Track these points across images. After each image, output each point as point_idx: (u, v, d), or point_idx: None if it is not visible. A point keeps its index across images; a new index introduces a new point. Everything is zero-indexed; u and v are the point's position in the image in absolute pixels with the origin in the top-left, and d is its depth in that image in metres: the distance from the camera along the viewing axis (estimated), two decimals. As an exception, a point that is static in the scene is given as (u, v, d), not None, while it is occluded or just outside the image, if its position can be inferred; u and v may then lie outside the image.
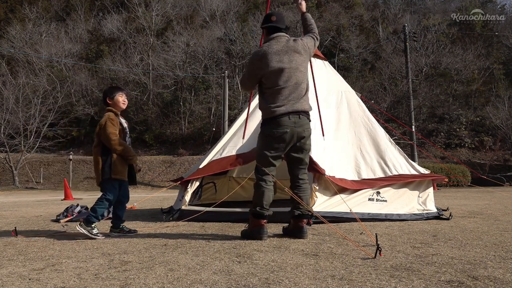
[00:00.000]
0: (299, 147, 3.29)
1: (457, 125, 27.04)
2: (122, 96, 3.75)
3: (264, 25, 3.45)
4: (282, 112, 3.18)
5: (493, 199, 8.10)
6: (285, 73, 3.24)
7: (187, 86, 31.88)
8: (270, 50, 3.27)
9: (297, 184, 3.35)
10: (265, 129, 3.26)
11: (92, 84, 32.25)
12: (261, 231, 3.20)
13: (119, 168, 3.60)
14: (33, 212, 6.55)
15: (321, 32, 32.42)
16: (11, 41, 34.00)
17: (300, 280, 1.98)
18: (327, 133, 4.67)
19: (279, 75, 3.23)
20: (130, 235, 3.75)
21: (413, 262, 2.33)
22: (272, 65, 3.23)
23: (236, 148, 4.90)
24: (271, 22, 3.41)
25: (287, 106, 3.21)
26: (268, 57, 3.24)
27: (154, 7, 34.80)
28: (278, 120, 3.19)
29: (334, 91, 5.17)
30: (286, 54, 3.28)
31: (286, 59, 3.27)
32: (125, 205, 3.86)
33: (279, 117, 3.18)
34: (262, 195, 3.20)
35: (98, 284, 1.98)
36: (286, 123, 3.19)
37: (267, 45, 3.31)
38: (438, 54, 29.42)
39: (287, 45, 3.31)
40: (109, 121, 3.60)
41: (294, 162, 3.34)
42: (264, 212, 3.21)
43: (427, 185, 4.79)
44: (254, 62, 3.31)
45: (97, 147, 3.65)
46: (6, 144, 24.18)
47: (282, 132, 3.18)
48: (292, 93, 3.25)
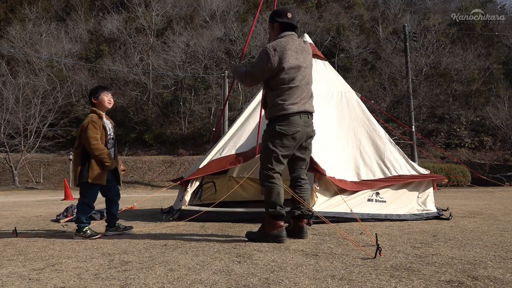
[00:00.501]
0: (304, 147, 3.27)
1: (457, 125, 27.04)
2: (107, 96, 3.67)
3: (279, 19, 3.30)
4: (295, 111, 3.14)
5: (493, 199, 8.10)
6: (301, 71, 3.21)
7: (187, 86, 31.89)
8: (289, 46, 3.18)
9: (299, 184, 3.32)
10: (276, 126, 3.13)
11: (92, 84, 32.16)
12: (282, 234, 3.08)
13: (97, 172, 3.50)
14: (33, 212, 6.55)
15: (321, 32, 32.49)
16: (11, 41, 34.00)
17: (300, 280, 1.98)
18: (327, 134, 4.67)
19: (297, 73, 3.18)
20: (127, 233, 3.76)
21: (413, 262, 2.33)
22: (292, 61, 3.16)
23: (236, 148, 4.90)
24: (287, 18, 3.28)
25: (299, 105, 3.17)
26: (288, 53, 3.15)
27: (154, 7, 34.80)
28: (290, 118, 3.13)
29: (334, 92, 5.17)
30: (302, 53, 3.25)
31: (301, 58, 3.24)
32: (117, 203, 3.82)
33: (291, 115, 3.13)
34: (278, 195, 3.11)
35: (98, 284, 1.98)
36: (298, 122, 3.14)
37: (285, 41, 3.20)
38: (438, 54, 29.43)
39: (301, 44, 3.29)
40: (91, 123, 3.52)
41: (297, 162, 3.30)
42: (284, 212, 3.12)
43: (426, 186, 4.79)
44: (272, 55, 3.13)
45: (78, 149, 3.58)
46: (6, 144, 24.19)
47: (295, 131, 3.13)
48: (304, 92, 3.22)
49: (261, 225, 3.24)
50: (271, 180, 3.13)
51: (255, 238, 3.17)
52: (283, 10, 3.36)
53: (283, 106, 3.14)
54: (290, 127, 3.12)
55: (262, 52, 3.21)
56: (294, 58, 3.17)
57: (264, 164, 3.20)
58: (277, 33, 3.31)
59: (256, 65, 3.22)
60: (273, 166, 3.15)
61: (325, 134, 4.63)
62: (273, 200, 3.11)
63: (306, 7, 37.04)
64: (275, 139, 3.14)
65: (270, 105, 3.23)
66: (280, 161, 3.16)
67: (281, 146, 3.14)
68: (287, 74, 3.15)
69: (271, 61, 3.13)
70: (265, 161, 3.19)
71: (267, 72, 3.17)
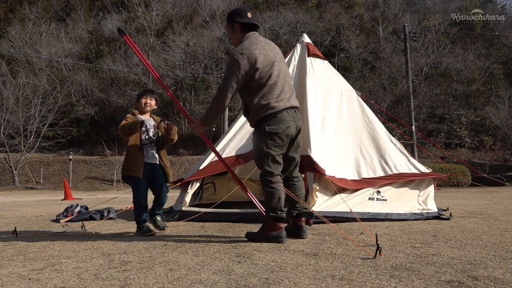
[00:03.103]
0: (295, 145, 3.22)
1: (457, 125, 27.05)
2: (145, 99, 3.78)
3: (240, 20, 3.17)
4: (282, 108, 3.07)
5: (493, 199, 8.09)
6: (275, 66, 3.13)
7: (187, 86, 31.90)
8: (254, 46, 3.07)
9: (292, 182, 3.29)
10: (265, 127, 3.05)
11: (92, 84, 32.25)
12: (282, 235, 3.08)
13: (127, 164, 3.62)
14: (33, 212, 6.55)
15: (321, 32, 32.50)
16: (11, 41, 34.01)
17: (300, 280, 1.98)
18: (328, 132, 4.67)
19: (271, 69, 3.10)
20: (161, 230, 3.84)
21: (413, 262, 2.33)
22: (262, 58, 3.05)
23: (236, 149, 4.90)
24: (248, 18, 3.18)
25: (284, 101, 3.10)
26: (256, 52, 3.04)
27: (154, 7, 34.80)
28: (278, 116, 3.06)
29: (334, 90, 5.17)
30: (269, 49, 3.16)
31: (271, 53, 3.14)
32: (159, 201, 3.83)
33: (279, 113, 3.06)
34: (278, 200, 3.08)
35: (98, 284, 1.98)
36: (286, 118, 3.08)
37: (249, 42, 3.10)
38: (438, 54, 29.44)
39: (267, 41, 3.22)
40: (124, 119, 3.67)
41: (289, 161, 3.25)
42: (284, 216, 3.12)
43: (427, 184, 4.78)
44: (240, 60, 3.01)
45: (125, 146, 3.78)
46: (6, 144, 24.20)
47: (285, 128, 3.07)
48: (284, 87, 3.16)
49: (261, 226, 3.23)
50: (271, 185, 3.09)
51: (255, 238, 3.16)
52: (243, 10, 3.26)
53: (268, 106, 3.06)
54: (280, 125, 3.06)
55: (230, 60, 3.11)
56: (264, 55, 3.08)
57: (262, 169, 3.12)
58: (238, 34, 3.21)
59: (227, 75, 3.08)
60: (272, 169, 3.09)
61: (325, 132, 4.63)
62: (273, 205, 3.09)
63: (306, 7, 37.06)
64: (267, 140, 3.06)
65: (254, 109, 3.12)
66: (277, 162, 3.11)
67: (275, 146, 3.08)
68: (262, 73, 3.06)
69: (242, 65, 3.02)
70: (262, 165, 3.11)
71: (241, 78, 3.05)
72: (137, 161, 3.61)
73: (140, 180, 3.63)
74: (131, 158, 3.63)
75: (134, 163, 3.61)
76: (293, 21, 32.71)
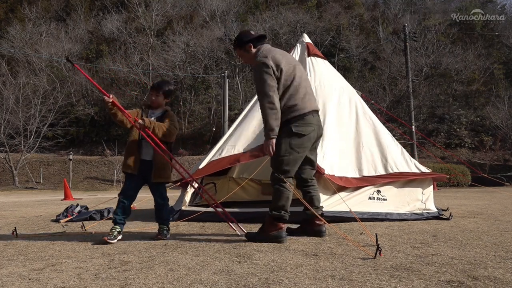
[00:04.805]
0: (314, 147, 3.28)
1: (457, 125, 27.06)
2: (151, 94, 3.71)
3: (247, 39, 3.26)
4: (308, 110, 3.13)
5: (493, 199, 8.09)
6: (296, 68, 3.21)
7: (187, 86, 31.90)
8: (273, 51, 3.17)
9: (310, 183, 3.34)
10: (292, 128, 3.07)
11: (92, 84, 32.22)
12: (283, 234, 3.09)
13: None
14: (33, 212, 6.55)
15: (321, 32, 32.51)
16: (11, 41, 34.02)
17: (300, 280, 1.98)
18: (328, 131, 4.67)
19: (294, 70, 3.18)
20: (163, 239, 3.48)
21: (413, 262, 2.33)
22: (284, 61, 3.15)
23: (235, 148, 4.89)
24: (252, 35, 3.28)
25: (310, 103, 3.17)
26: (277, 56, 3.13)
27: (154, 7, 34.81)
28: (305, 118, 3.11)
29: (335, 89, 5.17)
30: (285, 54, 3.27)
31: (289, 56, 3.24)
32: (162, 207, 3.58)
33: (305, 115, 3.11)
34: (286, 200, 3.10)
35: (98, 284, 1.98)
36: (312, 121, 3.14)
37: (266, 49, 3.19)
38: (438, 54, 29.45)
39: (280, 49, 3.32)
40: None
41: (309, 163, 3.28)
42: (287, 217, 3.13)
43: (428, 184, 4.78)
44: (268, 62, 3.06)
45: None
46: (6, 144, 24.20)
47: (311, 131, 3.13)
48: (307, 87, 3.23)
49: (262, 226, 3.23)
50: (283, 184, 3.09)
51: (255, 238, 3.16)
52: (245, 31, 3.38)
53: (296, 107, 3.10)
54: (306, 127, 3.11)
55: (257, 65, 3.11)
56: (285, 59, 3.18)
57: (279, 167, 3.10)
58: (252, 52, 3.27)
59: (262, 77, 3.06)
60: (289, 169, 3.10)
61: (326, 131, 4.62)
62: (281, 204, 3.10)
63: (306, 7, 37.07)
64: (293, 141, 3.08)
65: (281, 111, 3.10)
66: (296, 163, 3.13)
67: (299, 147, 3.10)
68: (287, 74, 3.14)
69: (270, 65, 3.06)
70: (281, 163, 3.10)
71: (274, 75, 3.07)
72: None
73: (132, 177, 3.47)
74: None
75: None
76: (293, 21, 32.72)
